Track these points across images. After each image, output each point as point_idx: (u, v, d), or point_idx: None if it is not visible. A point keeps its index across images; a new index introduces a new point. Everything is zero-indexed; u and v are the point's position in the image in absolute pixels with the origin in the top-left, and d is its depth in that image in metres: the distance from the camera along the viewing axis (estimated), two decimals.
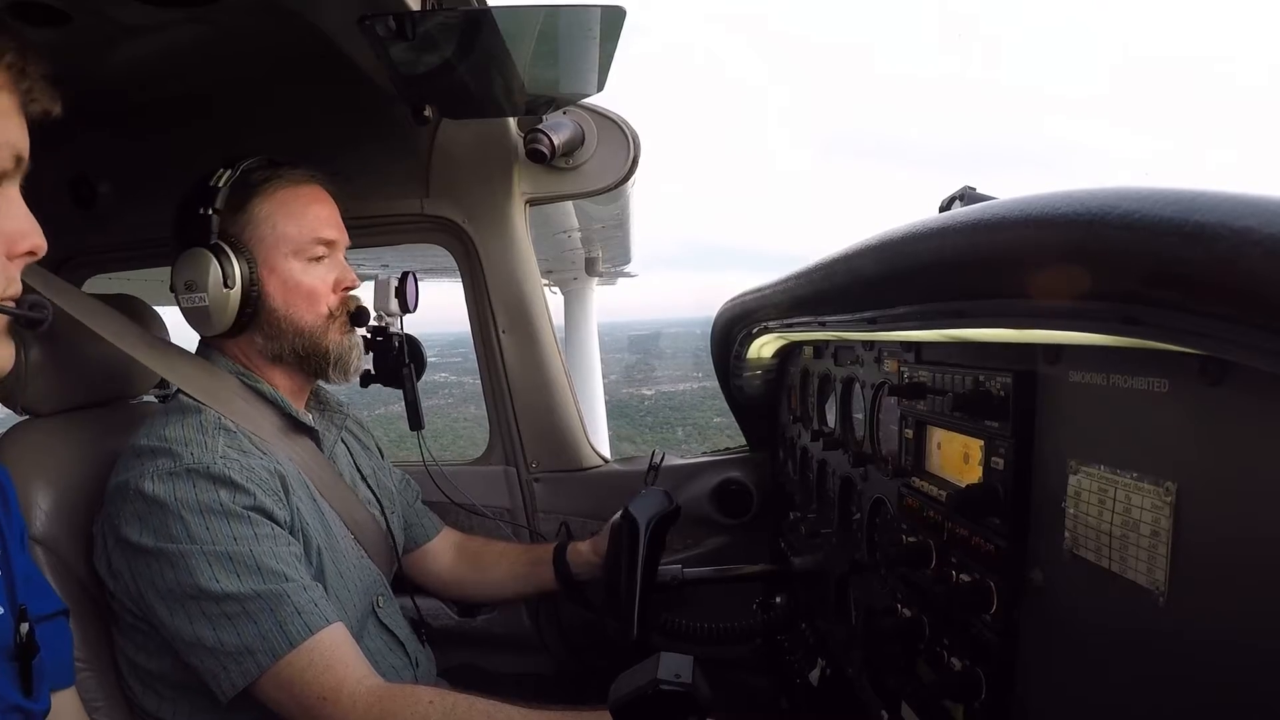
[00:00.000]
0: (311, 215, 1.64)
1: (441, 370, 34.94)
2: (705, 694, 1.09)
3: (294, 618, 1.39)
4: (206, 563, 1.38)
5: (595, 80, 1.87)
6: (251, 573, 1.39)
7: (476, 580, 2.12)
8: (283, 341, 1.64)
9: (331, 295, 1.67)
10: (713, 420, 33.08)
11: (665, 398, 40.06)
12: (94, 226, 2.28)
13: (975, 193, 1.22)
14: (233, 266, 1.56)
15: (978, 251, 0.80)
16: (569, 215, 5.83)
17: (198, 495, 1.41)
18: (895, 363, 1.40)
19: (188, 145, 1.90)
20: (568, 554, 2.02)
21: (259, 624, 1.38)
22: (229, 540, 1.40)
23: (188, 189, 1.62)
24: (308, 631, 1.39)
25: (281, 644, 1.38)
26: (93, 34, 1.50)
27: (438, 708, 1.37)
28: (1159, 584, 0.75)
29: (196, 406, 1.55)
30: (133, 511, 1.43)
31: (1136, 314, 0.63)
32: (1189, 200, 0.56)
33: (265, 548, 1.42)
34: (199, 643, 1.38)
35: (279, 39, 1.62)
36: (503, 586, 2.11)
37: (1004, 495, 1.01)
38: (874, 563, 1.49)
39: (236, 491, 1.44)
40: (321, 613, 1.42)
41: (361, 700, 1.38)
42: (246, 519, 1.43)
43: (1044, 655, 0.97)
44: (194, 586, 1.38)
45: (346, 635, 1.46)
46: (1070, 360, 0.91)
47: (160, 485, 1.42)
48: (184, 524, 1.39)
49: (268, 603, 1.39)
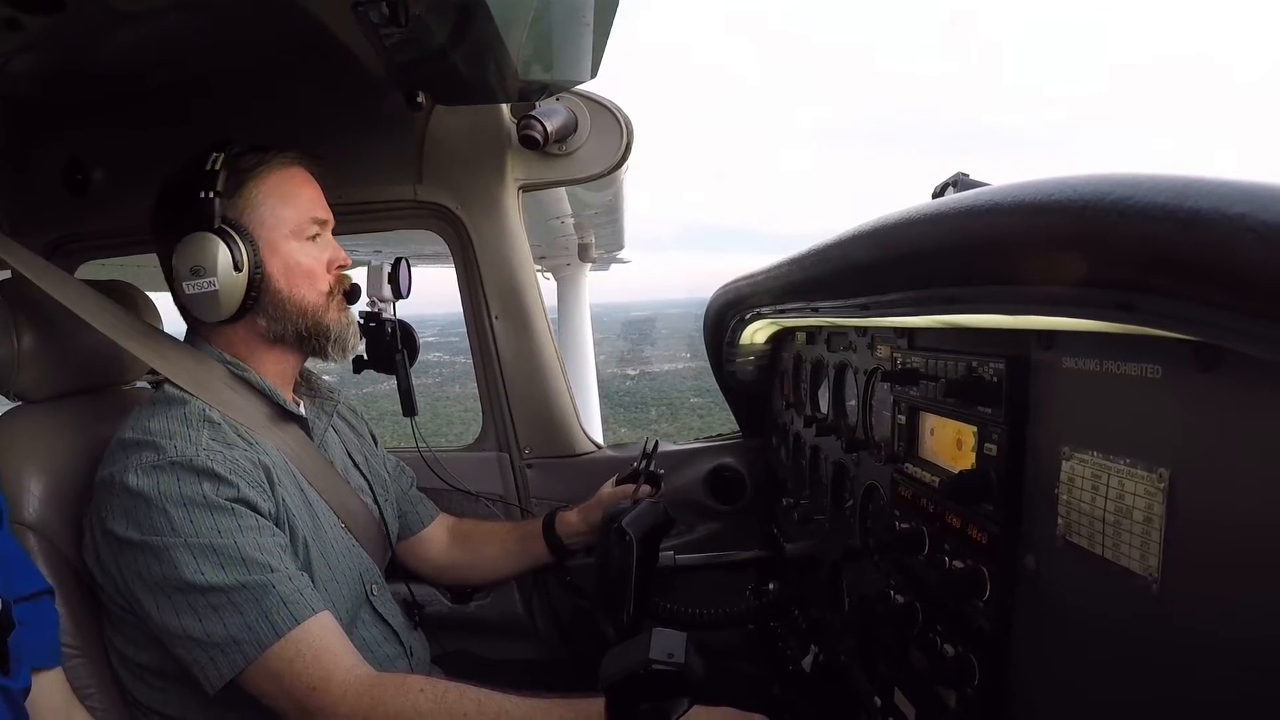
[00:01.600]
0: (304, 196, 1.65)
1: (437, 350, 34.91)
2: (698, 673, 1.09)
3: (279, 608, 1.39)
4: (190, 555, 1.38)
5: (588, 67, 1.86)
6: (235, 564, 1.39)
7: (470, 563, 2.13)
8: (286, 322, 1.64)
9: (327, 274, 1.68)
10: (689, 400, 33.21)
11: (648, 379, 40.12)
12: (87, 212, 2.27)
13: (968, 179, 1.22)
14: (240, 248, 1.56)
15: (970, 238, 0.80)
16: (562, 201, 5.80)
17: (181, 488, 1.41)
18: (888, 349, 1.40)
19: (181, 131, 1.88)
20: (556, 524, 2.03)
21: (244, 615, 1.37)
22: (213, 533, 1.39)
23: (176, 174, 1.60)
24: (294, 621, 1.39)
25: (268, 634, 1.37)
26: (87, 20, 1.48)
27: (428, 696, 1.37)
28: (1152, 570, 0.75)
29: (182, 398, 1.55)
30: (118, 505, 1.43)
31: (1130, 300, 0.63)
32: (1182, 186, 0.56)
33: (249, 539, 1.42)
34: (185, 634, 1.38)
35: (272, 25, 1.61)
36: (496, 566, 2.12)
37: (997, 481, 1.01)
38: (867, 549, 1.49)
39: (220, 484, 1.43)
40: (307, 602, 1.42)
41: (351, 689, 1.37)
42: (230, 511, 1.42)
43: (1037, 641, 0.97)
44: (178, 579, 1.37)
45: (334, 624, 1.45)
46: (1063, 346, 0.91)
47: (144, 479, 1.42)
48: (167, 517, 1.39)
49: (253, 593, 1.38)
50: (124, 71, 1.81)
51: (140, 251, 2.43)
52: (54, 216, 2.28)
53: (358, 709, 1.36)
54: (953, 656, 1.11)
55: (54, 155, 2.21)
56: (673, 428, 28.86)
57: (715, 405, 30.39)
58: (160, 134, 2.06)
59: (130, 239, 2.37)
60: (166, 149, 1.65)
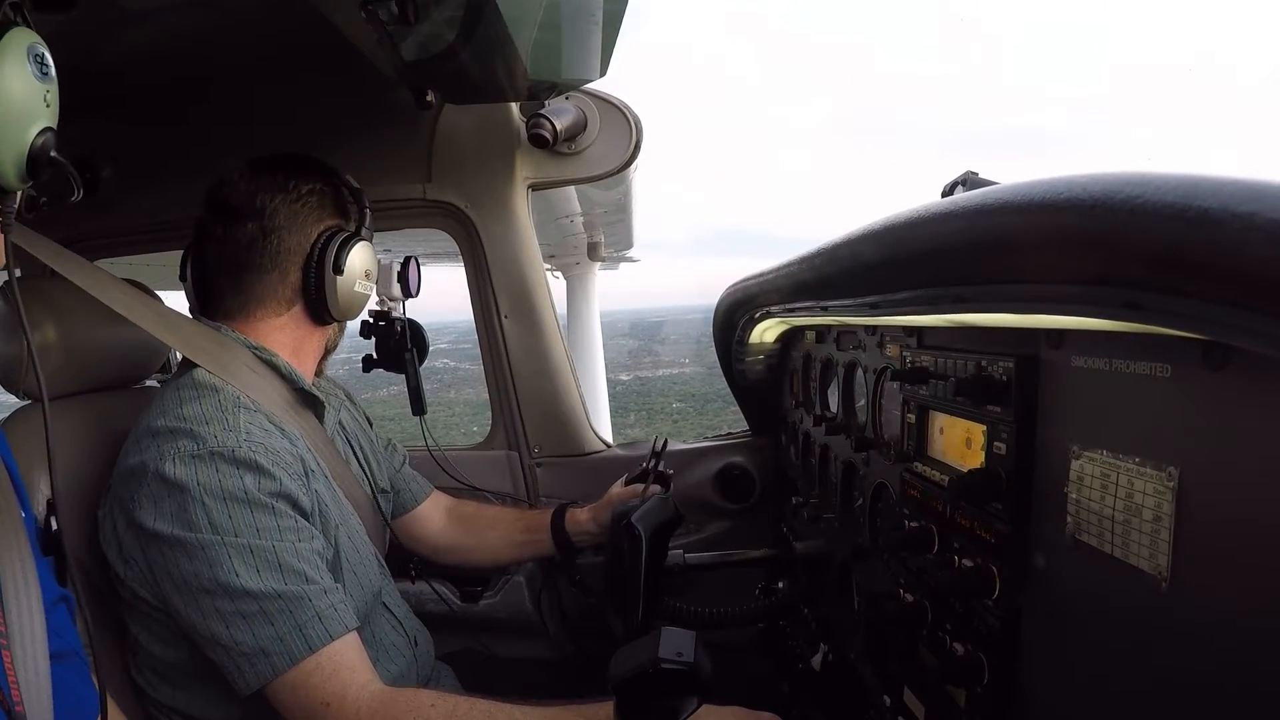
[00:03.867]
0: None
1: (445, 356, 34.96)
2: (707, 671, 1.09)
3: (314, 623, 1.37)
4: (226, 555, 1.35)
5: (598, 65, 1.86)
6: (273, 570, 1.36)
7: (471, 545, 2.12)
8: (338, 338, 1.80)
9: None
10: (670, 406, 32.99)
11: (639, 383, 40.15)
12: (96, 211, 2.28)
13: (978, 178, 1.22)
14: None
15: (980, 237, 0.80)
16: (571, 200, 5.80)
17: (221, 481, 1.37)
18: (897, 348, 1.40)
19: (190, 130, 1.89)
20: (565, 522, 2.02)
21: (276, 626, 1.35)
22: (251, 532, 1.36)
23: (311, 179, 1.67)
24: (328, 638, 1.37)
25: (300, 649, 1.35)
26: (98, 18, 1.49)
27: (439, 710, 1.36)
28: (1161, 569, 0.75)
29: (213, 384, 1.51)
30: (148, 495, 1.39)
31: (1139, 299, 0.63)
32: (1192, 185, 0.56)
33: (288, 544, 1.39)
34: (214, 639, 1.36)
35: (282, 23, 1.62)
36: (497, 553, 2.12)
37: (1006, 480, 1.01)
38: (876, 548, 1.49)
39: (261, 477, 1.40)
40: (341, 619, 1.40)
41: (365, 706, 1.36)
42: (270, 509, 1.39)
43: (1046, 640, 0.97)
44: (211, 580, 1.35)
45: (357, 641, 1.44)
46: (1072, 345, 0.91)
47: (182, 468, 1.37)
48: (206, 511, 1.36)
49: (288, 604, 1.36)
50: (133, 70, 1.82)
51: (150, 250, 2.44)
52: (63, 215, 2.29)
53: None
54: (962, 655, 1.11)
55: (64, 154, 2.20)
56: (643, 432, 28.84)
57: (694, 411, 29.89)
58: (170, 133, 2.07)
59: (140, 238, 2.38)
60: (175, 148, 1.66)
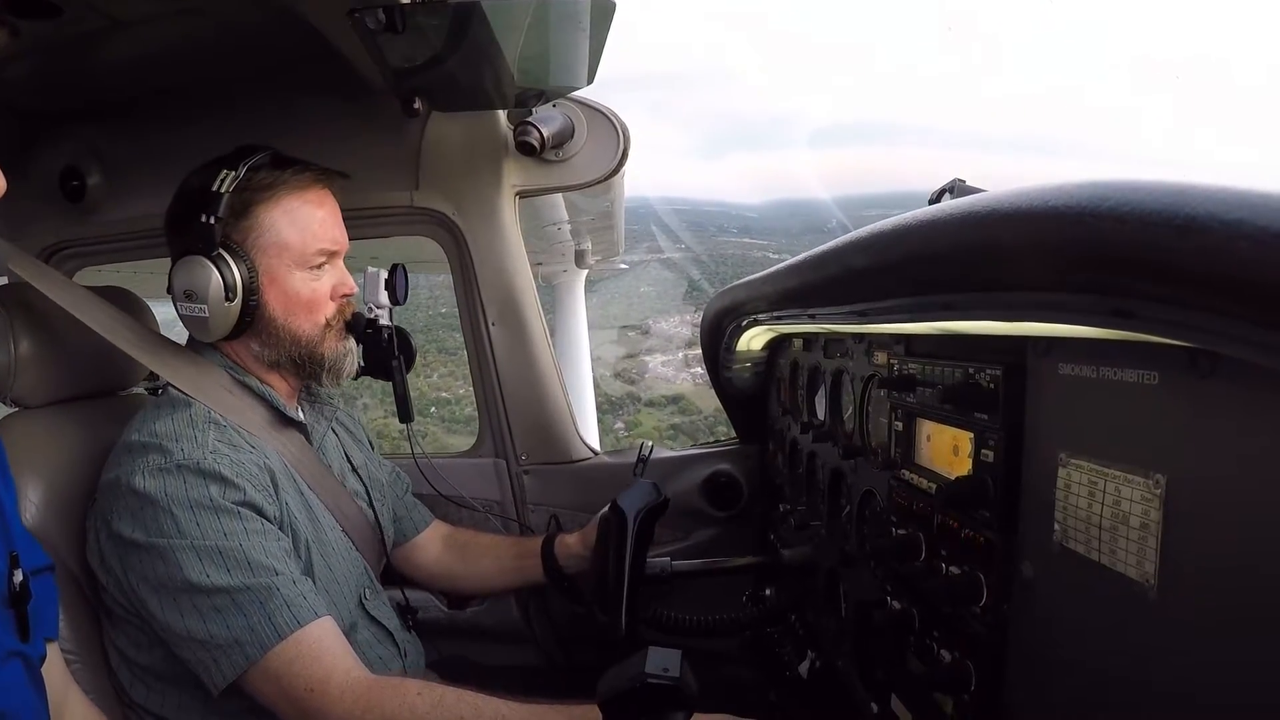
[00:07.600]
0: (316, 223, 1.62)
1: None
2: (692, 688, 1.09)
3: (282, 610, 1.40)
4: (196, 557, 1.39)
5: (584, 73, 1.87)
6: (241, 567, 1.40)
7: (464, 573, 2.13)
8: (280, 349, 1.64)
9: (329, 303, 1.67)
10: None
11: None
12: (83, 219, 2.27)
13: (965, 185, 1.23)
14: (234, 277, 1.54)
15: (967, 244, 0.80)
16: (558, 208, 5.80)
17: (188, 491, 1.42)
18: (885, 355, 1.40)
19: (177, 137, 1.88)
20: (555, 547, 2.01)
21: (248, 616, 1.38)
22: (219, 535, 1.41)
23: (187, 185, 1.59)
24: (296, 624, 1.40)
25: (270, 636, 1.38)
26: (83, 26, 1.49)
27: (425, 699, 1.37)
28: (1148, 576, 0.75)
29: (186, 400, 1.56)
30: (124, 507, 1.44)
31: (1127, 307, 0.63)
32: (1179, 193, 0.56)
33: (254, 542, 1.43)
34: (190, 635, 1.39)
35: (269, 32, 1.62)
36: (490, 579, 2.12)
37: (993, 488, 1.01)
38: (864, 555, 1.49)
39: (226, 487, 1.44)
40: (310, 606, 1.43)
41: (349, 692, 1.38)
42: (236, 514, 1.44)
43: (1033, 647, 0.97)
44: (183, 580, 1.39)
45: (335, 628, 1.46)
46: (1060, 353, 0.91)
47: (151, 481, 1.43)
48: (174, 519, 1.41)
49: (256, 595, 1.39)
50: (120, 77, 1.82)
51: (137, 258, 2.43)
52: (50, 223, 2.28)
53: (353, 711, 1.37)
54: (949, 663, 1.11)
55: (51, 161, 2.21)
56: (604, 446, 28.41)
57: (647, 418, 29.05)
58: (157, 140, 2.06)
59: (127, 246, 2.37)
60: (163, 155, 1.65)
